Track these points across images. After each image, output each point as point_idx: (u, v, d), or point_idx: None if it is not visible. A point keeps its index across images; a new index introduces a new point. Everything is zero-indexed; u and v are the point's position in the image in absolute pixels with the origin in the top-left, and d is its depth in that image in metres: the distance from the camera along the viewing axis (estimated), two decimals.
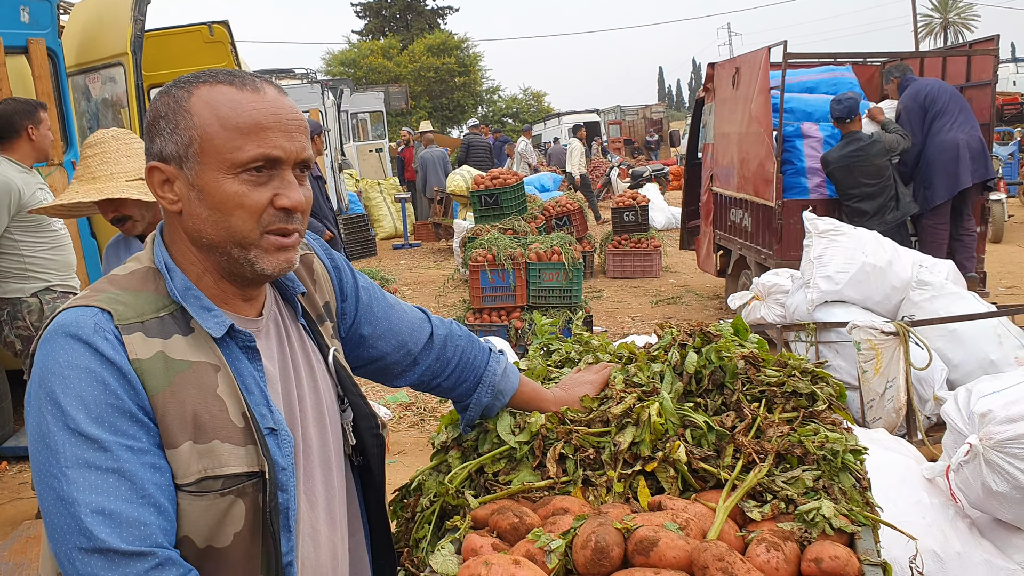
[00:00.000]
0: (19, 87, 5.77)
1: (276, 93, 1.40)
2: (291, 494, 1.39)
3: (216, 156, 1.34)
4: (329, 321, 1.66)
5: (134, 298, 1.36)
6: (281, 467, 1.37)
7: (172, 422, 1.29)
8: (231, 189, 1.34)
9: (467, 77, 45.16)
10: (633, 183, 20.29)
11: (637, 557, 1.46)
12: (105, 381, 1.25)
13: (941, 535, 2.71)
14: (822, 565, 1.44)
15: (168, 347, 1.33)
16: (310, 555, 1.46)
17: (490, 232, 8.84)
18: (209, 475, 1.30)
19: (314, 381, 1.55)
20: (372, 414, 1.65)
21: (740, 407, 1.88)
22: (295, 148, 1.37)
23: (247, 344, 1.41)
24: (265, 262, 1.38)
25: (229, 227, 1.36)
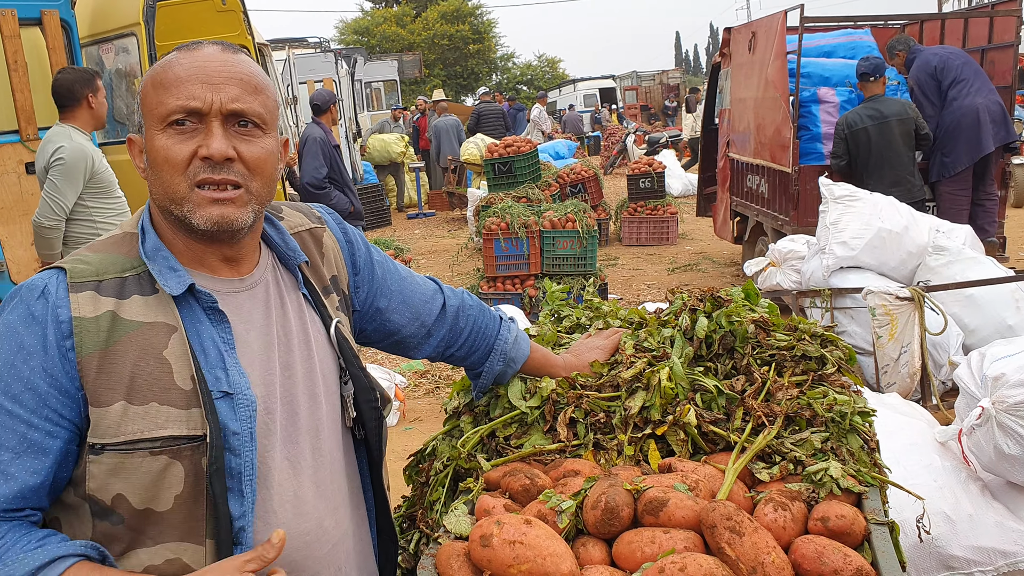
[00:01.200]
0: (33, 58, 5.79)
1: (215, 50, 1.41)
2: (246, 459, 1.37)
3: (149, 115, 1.40)
4: (335, 294, 1.66)
5: (100, 259, 1.40)
6: (232, 431, 1.36)
7: (104, 381, 1.32)
8: (159, 143, 1.37)
9: (481, 44, 44.80)
10: (649, 149, 20.16)
11: (647, 517, 1.49)
12: (23, 343, 1.31)
13: (953, 497, 2.73)
14: (828, 524, 1.46)
15: (122, 307, 1.35)
16: (290, 521, 1.45)
17: (504, 200, 8.83)
18: (144, 437, 1.32)
19: (309, 351, 1.54)
20: (372, 387, 1.65)
21: (750, 371, 1.89)
22: (219, 99, 1.37)
23: (210, 305, 1.40)
24: (198, 216, 1.38)
25: (163, 183, 1.38)
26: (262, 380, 1.44)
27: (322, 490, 1.51)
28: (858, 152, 6.70)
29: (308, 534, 1.47)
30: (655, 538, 1.43)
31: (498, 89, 41.22)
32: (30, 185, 5.70)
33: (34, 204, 5.72)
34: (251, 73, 1.42)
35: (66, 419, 1.32)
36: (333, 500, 1.54)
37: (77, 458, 1.35)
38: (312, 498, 1.49)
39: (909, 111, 6.64)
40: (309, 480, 1.49)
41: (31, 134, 5.66)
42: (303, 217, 1.68)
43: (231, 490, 1.36)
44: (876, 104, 6.67)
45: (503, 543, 1.40)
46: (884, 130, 6.59)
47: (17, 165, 5.63)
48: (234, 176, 1.39)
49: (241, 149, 1.39)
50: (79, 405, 1.32)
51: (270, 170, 1.45)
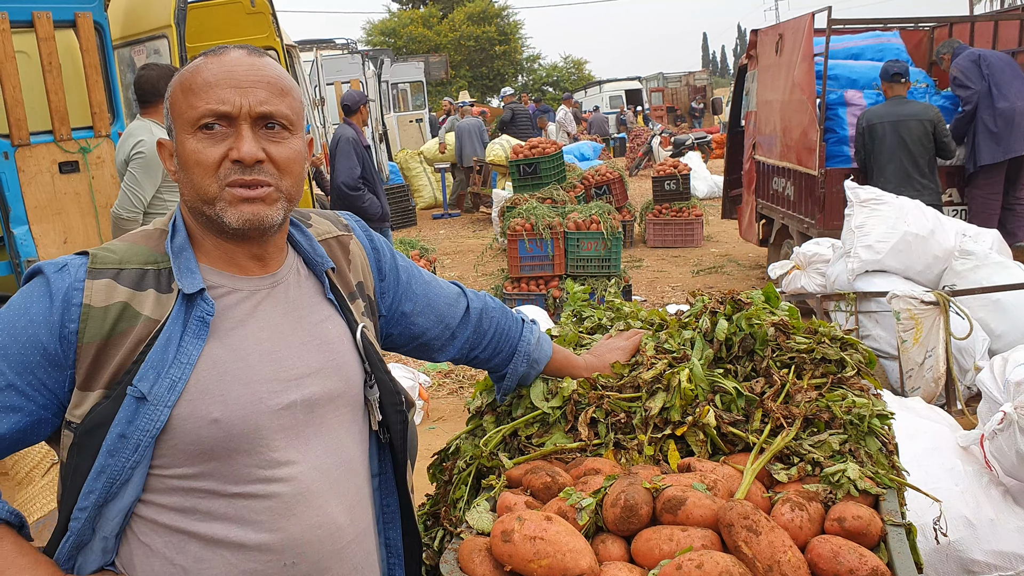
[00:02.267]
0: (67, 60, 5.89)
1: (242, 54, 1.45)
2: (119, 462, 1.35)
3: (179, 119, 1.44)
4: (361, 300, 1.69)
5: (127, 249, 1.45)
6: (119, 432, 1.35)
7: (95, 369, 1.37)
8: (190, 147, 1.42)
9: (507, 46, 44.87)
10: (675, 151, 20.10)
11: (665, 515, 1.52)
12: (29, 310, 1.36)
13: (974, 502, 2.73)
14: (845, 524, 1.48)
15: (136, 299, 1.40)
16: (299, 515, 1.46)
17: (529, 201, 8.86)
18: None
19: (331, 353, 1.56)
20: (397, 391, 1.68)
21: (769, 373, 1.91)
22: (247, 102, 1.41)
23: (201, 316, 1.42)
24: (229, 215, 1.42)
25: (194, 185, 1.43)
26: (273, 376, 1.46)
27: (336, 488, 1.52)
28: (872, 147, 6.65)
29: (319, 528, 1.48)
30: (673, 536, 1.46)
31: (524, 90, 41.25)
32: (63, 185, 5.80)
33: (67, 203, 5.84)
34: (278, 76, 1.47)
35: (48, 389, 1.37)
36: (349, 499, 1.55)
37: (55, 427, 1.41)
38: (326, 494, 1.50)
39: (930, 113, 6.56)
40: (323, 476, 1.50)
41: (64, 134, 5.76)
42: (330, 225, 1.72)
43: (87, 482, 1.37)
44: (897, 104, 6.64)
45: (524, 538, 1.43)
46: (900, 128, 6.52)
47: (51, 165, 5.72)
48: (264, 176, 1.43)
49: (270, 150, 1.43)
50: (66, 381, 1.38)
51: (298, 169, 1.49)
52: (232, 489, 1.42)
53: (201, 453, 1.40)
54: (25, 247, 5.61)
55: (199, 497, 1.41)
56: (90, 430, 1.36)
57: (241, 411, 1.41)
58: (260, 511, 1.43)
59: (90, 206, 5.96)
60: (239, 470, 1.42)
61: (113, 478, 1.36)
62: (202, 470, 1.40)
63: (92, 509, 1.37)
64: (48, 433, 1.43)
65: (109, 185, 6.02)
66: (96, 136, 5.97)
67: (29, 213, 5.64)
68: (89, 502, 1.36)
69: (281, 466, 1.45)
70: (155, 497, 1.41)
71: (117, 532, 1.41)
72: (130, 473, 1.37)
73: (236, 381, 1.42)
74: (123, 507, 1.39)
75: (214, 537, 1.41)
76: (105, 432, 1.35)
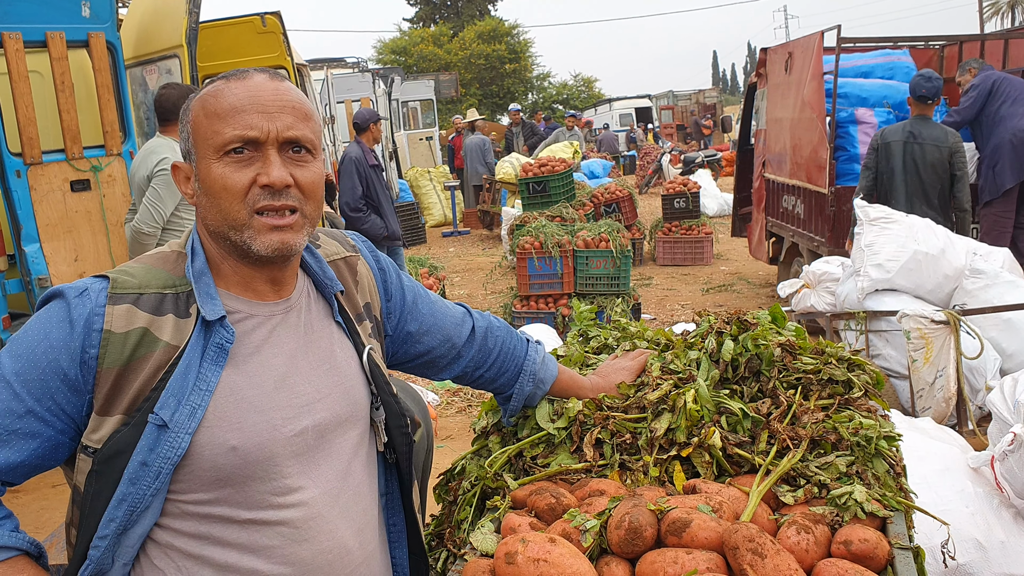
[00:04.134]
0: (80, 80, 5.95)
1: (264, 79, 1.46)
2: (140, 489, 1.36)
3: (203, 144, 1.44)
4: (368, 321, 1.69)
5: (146, 272, 1.45)
6: (141, 460, 1.35)
7: (113, 395, 1.37)
8: (216, 172, 1.42)
9: (517, 64, 45.06)
10: (685, 169, 20.11)
11: (670, 537, 1.51)
12: (49, 335, 1.36)
13: (985, 524, 2.70)
14: (851, 548, 1.46)
15: (155, 324, 1.40)
16: (311, 540, 1.46)
17: (538, 219, 8.87)
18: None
19: (339, 376, 1.57)
20: (403, 413, 1.68)
21: (776, 394, 1.90)
22: (275, 127, 1.42)
23: (224, 341, 1.42)
24: (258, 243, 1.42)
25: (220, 210, 1.43)
26: (287, 403, 1.47)
27: (346, 512, 1.53)
28: (885, 167, 6.42)
29: (329, 552, 1.48)
30: (678, 559, 1.44)
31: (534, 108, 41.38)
32: (75, 203, 5.84)
33: (78, 222, 5.87)
34: (301, 100, 1.48)
35: (66, 414, 1.38)
36: (358, 522, 1.56)
37: (72, 450, 1.41)
38: (335, 518, 1.50)
39: (949, 139, 6.28)
40: (333, 501, 1.51)
41: (76, 153, 5.80)
42: (338, 245, 1.73)
43: (108, 510, 1.37)
44: (919, 124, 6.36)
45: (527, 560, 1.43)
46: (915, 151, 6.28)
47: (63, 183, 5.76)
48: (292, 201, 1.44)
49: (296, 175, 1.44)
50: (84, 406, 1.38)
51: (321, 193, 1.51)
52: (245, 515, 1.42)
53: (218, 480, 1.40)
54: (36, 265, 5.65)
55: (213, 523, 1.41)
56: (110, 457, 1.36)
57: (257, 439, 1.42)
58: (272, 536, 1.43)
59: (101, 224, 6.00)
60: (253, 496, 1.42)
61: (134, 506, 1.36)
62: (217, 496, 1.41)
63: (112, 537, 1.37)
64: (64, 457, 1.43)
65: (120, 203, 6.06)
66: (108, 155, 6.01)
67: (40, 231, 5.68)
68: (110, 530, 1.36)
69: (293, 492, 1.45)
70: (170, 522, 1.41)
71: (134, 558, 1.41)
72: (150, 500, 1.37)
73: (252, 408, 1.43)
74: (141, 533, 1.39)
75: (227, 563, 1.41)
76: (126, 460, 1.35)
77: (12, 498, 5.25)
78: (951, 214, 6.26)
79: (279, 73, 1.51)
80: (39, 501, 5.20)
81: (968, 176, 6.32)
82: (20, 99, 5.46)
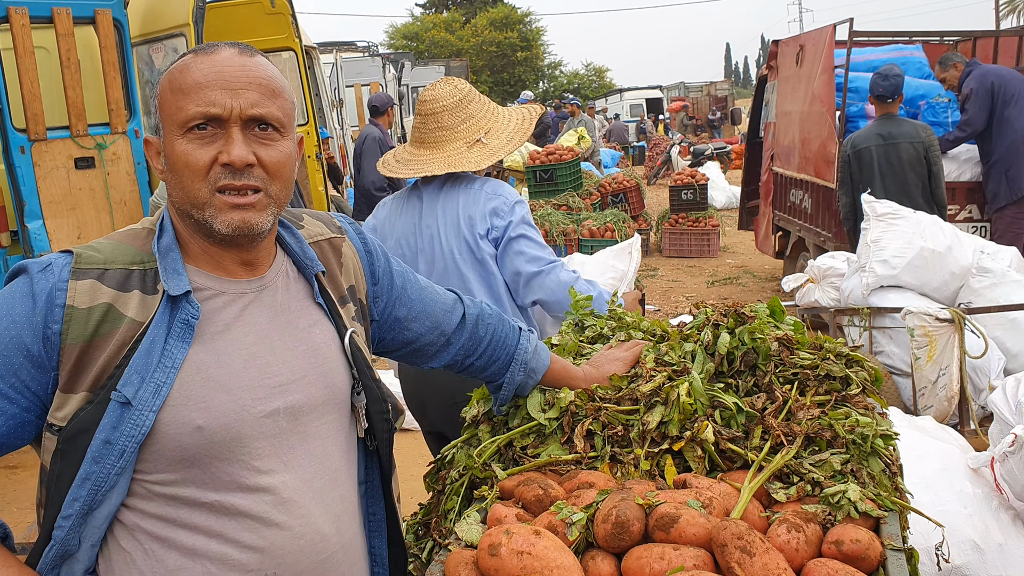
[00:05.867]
0: (86, 57, 5.93)
1: (232, 54, 1.42)
2: (104, 468, 1.33)
3: (168, 120, 1.40)
4: (352, 304, 1.65)
5: (113, 248, 1.42)
6: (104, 439, 1.32)
7: (78, 371, 1.34)
8: (179, 149, 1.39)
9: (529, 52, 44.94)
10: (694, 161, 20.03)
11: (657, 533, 1.48)
12: (12, 311, 1.34)
13: (983, 525, 2.67)
14: (843, 548, 1.43)
15: (120, 299, 1.36)
16: (283, 524, 1.43)
17: (544, 208, 8.84)
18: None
19: (317, 359, 1.53)
20: (385, 399, 1.64)
21: (771, 389, 1.87)
22: (238, 104, 1.38)
23: (190, 317, 1.39)
24: (219, 221, 1.39)
25: (183, 187, 1.40)
26: (258, 383, 1.43)
27: (321, 497, 1.49)
28: (860, 174, 6.19)
29: (302, 538, 1.45)
30: (664, 554, 1.42)
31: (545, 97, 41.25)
32: (78, 180, 5.83)
33: (82, 199, 5.86)
34: (269, 77, 1.43)
35: (31, 391, 1.35)
36: (335, 508, 1.52)
37: (39, 429, 1.38)
38: (309, 503, 1.47)
39: (921, 134, 6.06)
40: (306, 486, 1.47)
41: (81, 130, 5.79)
42: (323, 227, 1.69)
43: (72, 489, 1.34)
44: (887, 124, 6.15)
45: (511, 553, 1.40)
46: (890, 152, 6.06)
47: (67, 160, 5.75)
48: (254, 181, 1.40)
49: (260, 154, 1.40)
50: (49, 383, 1.35)
51: (288, 173, 1.46)
52: (212, 496, 1.39)
53: (183, 460, 1.37)
54: (39, 242, 5.64)
55: (180, 505, 1.38)
56: (74, 436, 1.33)
57: (224, 419, 1.38)
58: (241, 520, 1.40)
59: (104, 202, 5.99)
60: (220, 477, 1.39)
61: (98, 485, 1.33)
62: (183, 476, 1.38)
63: (76, 517, 1.34)
64: (32, 436, 1.40)
65: (124, 181, 6.05)
66: (112, 133, 6.00)
67: (44, 208, 5.67)
68: (73, 510, 1.33)
69: (263, 474, 1.42)
70: (137, 503, 1.38)
71: (101, 539, 1.39)
72: (115, 480, 1.34)
73: (219, 387, 1.39)
74: (108, 514, 1.36)
75: (194, 547, 1.38)
76: (90, 438, 1.32)
77: (10, 474, 5.26)
78: (934, 209, 6.01)
79: (251, 48, 1.47)
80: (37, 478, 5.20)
81: (943, 170, 6.13)
82: (25, 75, 5.45)
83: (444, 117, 2.95)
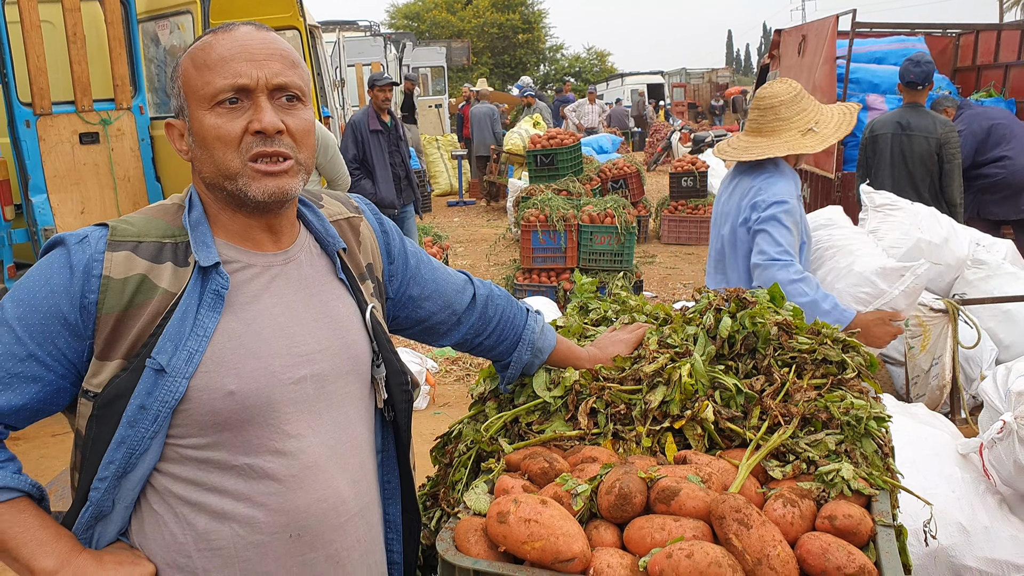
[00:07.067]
0: (92, 32, 5.94)
1: (251, 30, 1.49)
2: (139, 432, 1.39)
3: (195, 96, 1.47)
4: (370, 281, 1.72)
5: (146, 222, 1.48)
6: (139, 404, 1.38)
7: (113, 339, 1.40)
8: (209, 123, 1.45)
9: (530, 34, 44.75)
10: (694, 148, 20.03)
11: (659, 505, 1.54)
12: (51, 280, 1.40)
13: (970, 509, 2.74)
14: (836, 522, 1.50)
15: (153, 271, 1.43)
16: (306, 487, 1.49)
17: (544, 192, 8.87)
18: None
19: (341, 330, 1.59)
20: (403, 371, 1.71)
21: (770, 371, 1.93)
22: (264, 74, 1.44)
23: (219, 287, 1.45)
24: (254, 189, 1.45)
25: (215, 161, 1.46)
26: (286, 351, 1.50)
27: (343, 463, 1.56)
28: (874, 160, 6.15)
29: (324, 501, 1.51)
30: (665, 525, 1.48)
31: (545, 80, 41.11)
32: (83, 155, 5.86)
33: (86, 174, 5.89)
34: (287, 49, 1.51)
35: (67, 359, 1.41)
36: (354, 474, 1.59)
37: (73, 396, 1.45)
38: (332, 468, 1.53)
39: (939, 129, 5.89)
40: (330, 451, 1.54)
41: (86, 105, 5.81)
42: (341, 206, 1.75)
43: (107, 452, 1.40)
44: (910, 113, 6.02)
45: (519, 520, 1.46)
46: (904, 143, 5.98)
47: (72, 135, 5.78)
48: (284, 148, 1.46)
49: (287, 121, 1.47)
50: (84, 351, 1.41)
51: (312, 140, 1.54)
52: (242, 460, 1.45)
53: (215, 424, 1.43)
54: (43, 216, 5.68)
55: (210, 469, 1.45)
56: (109, 401, 1.40)
57: (255, 384, 1.45)
58: (268, 483, 1.46)
59: (109, 178, 6.02)
60: (250, 441, 1.45)
61: (133, 449, 1.40)
62: (215, 440, 1.44)
63: (112, 479, 1.40)
64: (66, 403, 1.46)
65: (128, 158, 6.07)
66: (117, 109, 6.02)
67: (48, 182, 5.70)
68: (109, 472, 1.40)
69: (291, 439, 1.49)
70: (168, 467, 1.45)
71: (134, 502, 1.45)
72: (149, 443, 1.40)
73: (250, 355, 1.46)
74: (141, 477, 1.43)
75: (223, 509, 1.45)
76: (125, 404, 1.38)
77: (12, 445, 5.32)
78: (944, 207, 5.93)
79: (264, 25, 1.54)
80: (39, 449, 5.27)
81: (958, 168, 5.94)
82: (31, 49, 5.46)
83: (781, 110, 3.49)
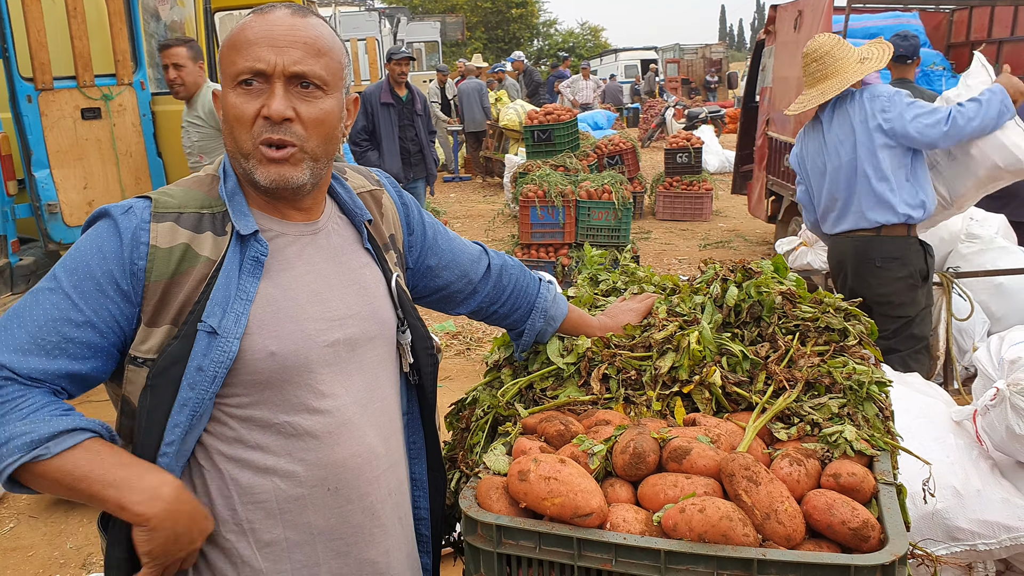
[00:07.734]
0: (92, 7, 5.93)
1: (284, 14, 1.52)
2: (199, 394, 1.45)
3: (224, 73, 1.54)
4: (393, 251, 1.79)
5: (184, 194, 1.55)
6: (197, 366, 1.45)
7: (161, 305, 1.47)
8: (231, 100, 1.51)
9: (524, 9, 44.52)
10: (688, 124, 20.05)
11: (671, 463, 1.62)
12: (103, 247, 1.46)
13: (963, 473, 2.83)
14: (840, 480, 1.58)
15: (195, 240, 1.50)
16: (344, 443, 1.57)
17: (541, 168, 8.91)
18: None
19: (369, 297, 1.66)
20: (428, 336, 1.80)
21: (774, 339, 2.01)
22: (282, 61, 1.48)
23: (255, 256, 1.52)
24: (259, 173, 1.51)
25: (234, 137, 1.52)
26: (320, 315, 1.57)
27: (374, 419, 1.64)
28: None
29: (359, 456, 1.60)
30: (677, 482, 1.56)
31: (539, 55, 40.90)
32: (85, 131, 5.87)
33: (88, 149, 5.91)
34: (316, 36, 1.53)
35: (119, 325, 1.47)
36: (385, 430, 1.67)
37: (119, 361, 1.50)
38: (365, 425, 1.61)
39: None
40: (363, 410, 1.62)
41: (88, 81, 5.81)
42: (364, 180, 1.82)
43: (172, 415, 1.46)
44: (899, 88, 5.47)
45: (539, 478, 1.54)
46: None
47: (73, 111, 5.79)
48: (290, 136, 1.50)
49: (300, 109, 1.51)
50: (134, 317, 1.47)
51: (327, 129, 1.55)
52: (282, 417, 1.53)
53: (258, 383, 1.51)
54: (46, 191, 5.70)
55: (252, 426, 1.52)
56: (166, 368, 1.46)
57: (293, 346, 1.52)
58: (307, 440, 1.54)
59: (111, 153, 6.03)
60: (290, 399, 1.53)
61: (196, 409, 1.46)
62: (257, 398, 1.51)
63: (179, 442, 1.47)
64: (112, 370, 1.52)
65: (130, 133, 6.08)
66: (119, 84, 6.02)
67: (50, 157, 5.72)
68: (176, 435, 1.47)
69: (326, 398, 1.56)
70: (213, 427, 1.52)
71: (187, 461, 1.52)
72: (208, 404, 1.48)
73: (288, 318, 1.53)
74: (196, 436, 1.50)
75: (265, 465, 1.52)
76: (181, 369, 1.45)
77: None
78: None
79: (305, 9, 1.57)
80: None
81: None
82: (32, 23, 5.46)
83: (835, 51, 4.02)
